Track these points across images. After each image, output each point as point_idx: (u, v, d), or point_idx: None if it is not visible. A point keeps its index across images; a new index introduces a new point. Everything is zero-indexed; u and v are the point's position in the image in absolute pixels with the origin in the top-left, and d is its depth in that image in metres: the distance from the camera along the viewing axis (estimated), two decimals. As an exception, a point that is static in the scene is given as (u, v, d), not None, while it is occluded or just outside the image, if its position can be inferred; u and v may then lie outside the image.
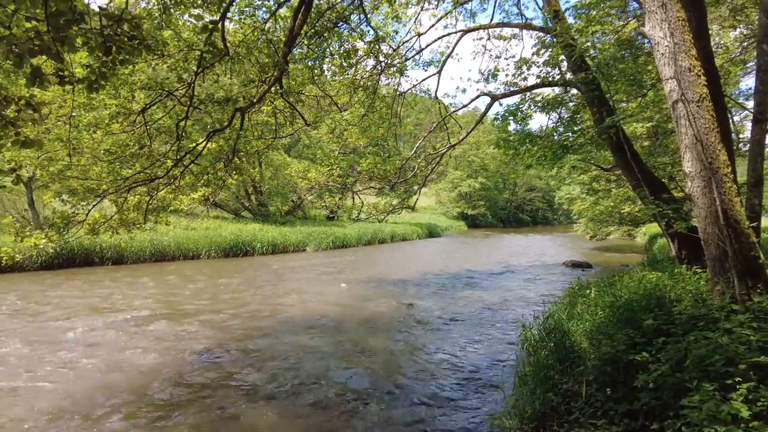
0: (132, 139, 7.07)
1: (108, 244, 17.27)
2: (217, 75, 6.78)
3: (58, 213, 5.87)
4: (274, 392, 6.43)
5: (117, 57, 2.81)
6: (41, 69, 2.64)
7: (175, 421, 5.52)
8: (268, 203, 32.38)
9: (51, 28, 2.48)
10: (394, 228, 33.82)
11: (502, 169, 29.58)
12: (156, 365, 7.33)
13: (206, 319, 10.08)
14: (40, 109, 2.88)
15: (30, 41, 2.60)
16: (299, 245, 25.10)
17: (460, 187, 57.68)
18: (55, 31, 2.53)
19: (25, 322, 9.21)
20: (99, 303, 11.16)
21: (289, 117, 8.96)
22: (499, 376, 7.24)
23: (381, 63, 10.74)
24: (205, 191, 7.85)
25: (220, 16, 6.09)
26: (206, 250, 20.56)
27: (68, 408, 5.75)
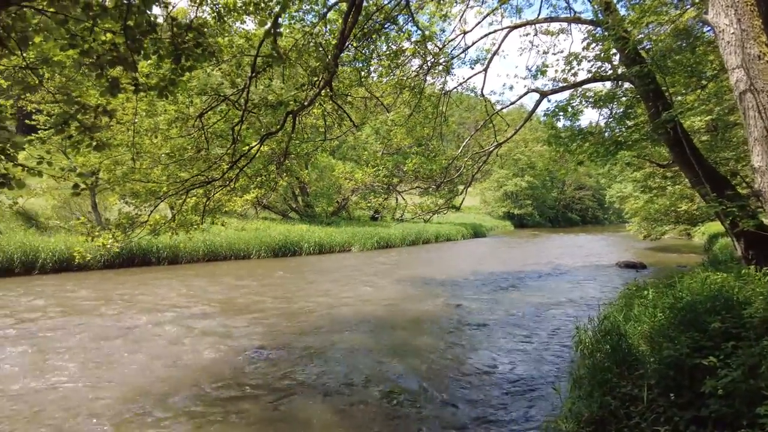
0: (189, 143, 7.39)
1: (164, 245, 18.06)
2: (270, 79, 6.99)
3: (124, 214, 6.22)
4: (327, 390, 6.55)
5: (185, 64, 2.97)
6: (118, 78, 2.82)
7: (232, 416, 5.72)
8: (314, 204, 32.95)
9: (127, 39, 2.64)
10: (439, 228, 33.64)
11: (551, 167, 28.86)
12: (213, 361, 7.61)
13: (259, 316, 10.37)
14: (115, 116, 3.10)
15: (108, 53, 2.78)
16: (345, 245, 25.40)
17: (505, 186, 56.67)
18: (131, 42, 2.69)
19: (93, 318, 9.78)
20: (157, 300, 11.70)
21: (336, 119, 9.10)
22: (552, 379, 7.08)
23: (427, 62, 10.73)
24: (258, 193, 8.08)
25: (272, 23, 6.26)
26: (256, 250, 21.15)
27: (133, 399, 6.07)
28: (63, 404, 5.85)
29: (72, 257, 16.01)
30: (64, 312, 10.22)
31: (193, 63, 2.93)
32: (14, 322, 9.32)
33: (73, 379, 6.62)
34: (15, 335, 8.48)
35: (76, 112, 2.98)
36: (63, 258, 15.94)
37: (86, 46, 2.91)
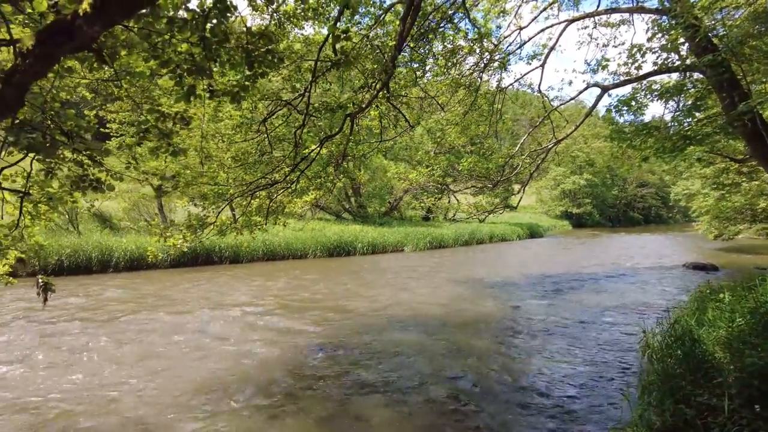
0: (252, 146, 7.67)
1: (226, 245, 18.80)
2: (329, 83, 7.14)
3: (194, 215, 6.56)
4: (387, 388, 6.60)
5: (258, 70, 3.10)
6: (195, 86, 2.98)
7: (295, 411, 5.88)
8: (366, 205, 33.27)
9: (204, 49, 2.78)
10: (493, 228, 33.06)
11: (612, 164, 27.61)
12: (276, 357, 7.86)
13: (318, 314, 10.60)
14: (191, 123, 3.28)
15: (185, 62, 2.94)
16: (397, 245, 25.47)
17: (563, 185, 54.80)
18: (208, 51, 2.83)
19: (164, 314, 10.34)
20: (221, 298, 12.21)
21: (392, 120, 9.15)
22: (617, 384, 6.80)
23: (483, 60, 10.58)
24: (316, 194, 8.27)
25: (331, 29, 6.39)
26: (312, 250, 21.62)
27: (204, 391, 6.36)
28: (138, 395, 6.23)
29: (142, 256, 17.08)
30: (137, 308, 10.87)
31: (265, 69, 3.06)
32: (93, 316, 10.01)
33: (147, 372, 7.02)
34: (94, 329, 9.09)
35: (156, 120, 3.18)
36: (134, 257, 16.94)
37: (165, 56, 3.09)
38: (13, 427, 5.28)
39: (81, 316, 9.95)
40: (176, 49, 3.12)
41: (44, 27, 1.93)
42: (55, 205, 4.19)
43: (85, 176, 3.35)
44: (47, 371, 6.92)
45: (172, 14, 2.77)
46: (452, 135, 13.49)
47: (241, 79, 3.24)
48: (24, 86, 2.01)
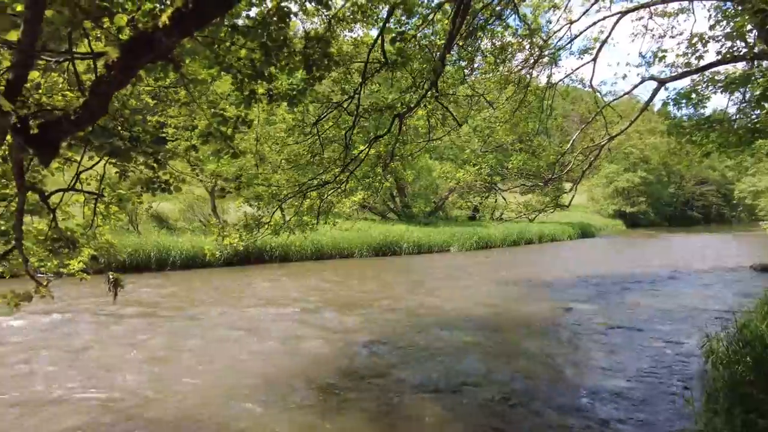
0: (303, 148, 7.85)
1: (276, 244, 19.27)
2: (378, 84, 7.21)
3: (251, 215, 6.80)
4: (437, 388, 6.60)
5: (315, 74, 3.19)
6: (255, 90, 3.10)
7: (347, 407, 5.97)
8: (411, 205, 33.25)
9: (265, 54, 2.89)
10: (542, 228, 32.24)
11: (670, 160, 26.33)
12: (326, 353, 8.01)
13: (366, 313, 10.72)
14: (251, 126, 3.41)
15: (246, 68, 3.06)
16: (443, 245, 25.32)
17: (616, 183, 52.65)
18: (267, 56, 2.93)
19: (218, 310, 10.75)
20: (273, 295, 12.55)
21: (439, 119, 9.11)
22: (677, 390, 6.50)
23: (532, 55, 10.37)
24: (365, 194, 8.36)
25: (380, 30, 6.45)
26: (359, 249, 21.84)
27: (257, 386, 6.57)
28: (196, 388, 6.50)
29: (197, 255, 17.79)
30: (194, 304, 11.34)
31: (322, 73, 3.15)
32: (154, 311, 10.53)
33: (204, 366, 7.32)
34: (155, 323, 9.56)
35: (219, 124, 3.33)
36: (189, 255, 17.66)
37: (227, 63, 3.23)
38: (85, 412, 5.64)
39: (144, 311, 10.49)
40: (236, 56, 3.25)
41: (127, 40, 2.07)
42: (125, 206, 4.45)
43: (156, 178, 3.55)
44: (115, 362, 7.34)
45: (234, 22, 2.89)
46: (500, 132, 13.28)
47: (300, 83, 3.34)
48: (107, 96, 2.16)
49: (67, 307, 10.34)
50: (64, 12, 2.16)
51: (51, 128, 2.18)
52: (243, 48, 3.23)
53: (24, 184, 2.98)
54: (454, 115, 8.18)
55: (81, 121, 2.20)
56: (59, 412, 5.67)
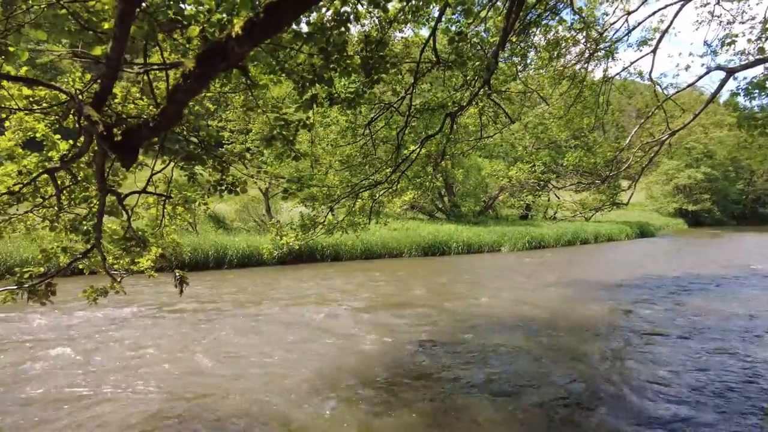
0: (355, 149, 7.97)
1: (327, 244, 19.62)
2: (430, 84, 7.22)
3: (307, 215, 6.99)
4: (492, 388, 6.53)
5: (374, 77, 3.25)
6: (317, 94, 3.19)
7: (400, 405, 6.01)
8: (460, 204, 32.93)
9: (325, 59, 2.97)
10: (598, 227, 31.10)
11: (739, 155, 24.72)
12: (379, 352, 8.09)
13: (417, 312, 10.73)
14: (312, 129, 3.52)
15: (307, 72, 3.16)
16: (494, 245, 24.91)
17: (676, 179, 49.91)
18: (327, 61, 3.02)
19: (274, 308, 11.08)
20: (325, 293, 12.79)
21: (491, 116, 9.00)
22: (751, 399, 6.12)
23: (588, 49, 10.05)
24: (415, 194, 8.37)
25: (432, 30, 6.45)
26: (407, 249, 21.86)
27: (312, 381, 6.72)
28: (253, 382, 6.73)
29: (252, 254, 18.42)
30: (250, 301, 11.74)
31: (380, 75, 3.20)
32: (215, 307, 10.98)
33: (261, 361, 7.57)
34: (216, 319, 9.97)
35: (281, 128, 3.46)
36: (245, 254, 18.28)
37: (288, 68, 3.33)
38: (150, 403, 5.98)
39: (204, 308, 10.97)
40: (296, 61, 3.36)
41: (202, 50, 2.20)
42: (190, 207, 4.69)
43: (223, 180, 3.73)
44: (178, 356, 7.72)
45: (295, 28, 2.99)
46: (554, 129, 12.94)
47: (359, 86, 3.41)
48: (183, 103, 2.30)
49: (134, 302, 10.95)
50: (144, 26, 2.31)
51: (132, 134, 2.35)
52: (302, 53, 3.34)
53: (105, 187, 3.21)
54: (506, 112, 8.05)
55: (159, 127, 2.36)
56: (124, 402, 6.03)
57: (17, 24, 2.34)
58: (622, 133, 24.62)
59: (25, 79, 2.58)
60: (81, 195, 4.27)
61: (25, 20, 2.44)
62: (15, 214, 4.67)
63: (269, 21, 1.95)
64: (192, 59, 2.13)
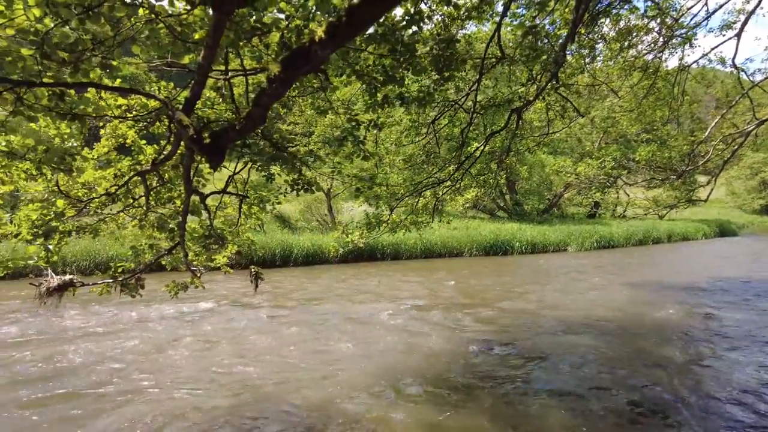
0: (417, 148, 8.00)
1: (387, 242, 19.79)
2: (495, 79, 7.12)
3: (373, 214, 7.12)
4: (562, 391, 6.35)
5: (445, 74, 3.27)
6: (388, 95, 3.26)
7: (466, 405, 5.98)
8: (523, 202, 32.11)
9: (395, 59, 3.02)
10: (672, 226, 29.32)
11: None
12: (441, 351, 8.07)
13: (480, 312, 10.60)
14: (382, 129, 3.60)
15: (378, 73, 3.22)
16: (559, 245, 24.11)
17: (762, 174, 46.10)
18: (397, 61, 3.07)
19: (338, 305, 11.33)
20: (387, 292, 12.92)
21: (558, 111, 8.73)
22: None
23: (662, 37, 9.51)
24: (477, 192, 8.28)
25: (497, 25, 6.36)
26: (468, 248, 21.62)
27: (378, 378, 6.81)
28: (320, 378, 6.92)
29: (316, 252, 18.94)
30: (316, 298, 12.07)
31: (452, 73, 3.22)
32: (281, 303, 11.39)
33: (327, 356, 7.76)
34: (284, 315, 10.34)
35: (353, 128, 3.56)
36: (310, 253, 18.81)
37: (359, 69, 3.42)
38: (221, 394, 6.30)
39: (273, 303, 11.40)
40: (367, 62, 3.43)
41: (286, 55, 2.31)
42: (265, 207, 4.91)
43: (300, 179, 3.89)
44: (249, 348, 8.08)
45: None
46: (624, 123, 12.35)
47: (431, 85, 3.45)
48: (268, 107, 2.44)
49: (207, 298, 11.56)
50: (230, 35, 2.46)
51: (220, 137, 2.51)
52: (372, 54, 3.41)
53: (191, 188, 3.44)
54: (575, 106, 7.78)
55: (244, 130, 2.50)
56: (197, 392, 6.39)
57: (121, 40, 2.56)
58: (699, 125, 23.04)
59: (124, 89, 2.82)
60: (166, 195, 4.59)
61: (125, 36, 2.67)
62: (108, 214, 5.09)
63: (351, 23, 2.03)
64: (277, 64, 2.25)
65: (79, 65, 2.72)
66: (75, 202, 4.23)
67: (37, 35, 2.34)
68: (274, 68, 2.22)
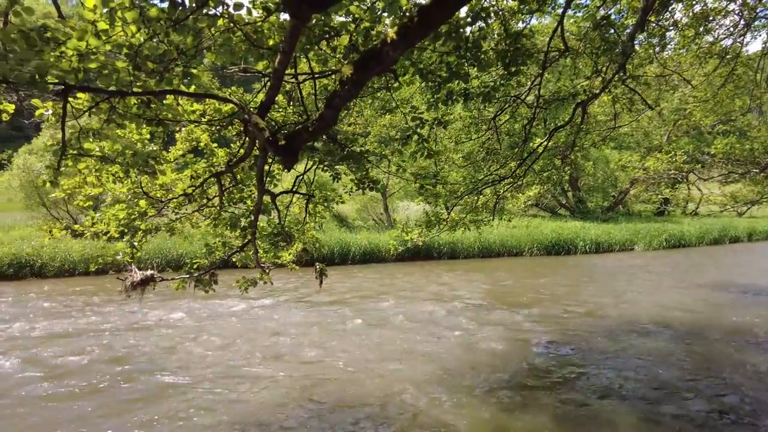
0: (476, 145, 7.92)
1: (443, 242, 19.67)
2: (559, 72, 6.93)
3: (433, 212, 7.13)
4: (631, 395, 6.10)
5: (510, 69, 3.24)
6: (452, 91, 3.27)
7: (530, 406, 5.87)
8: (586, 199, 30.89)
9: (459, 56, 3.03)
10: (753, 223, 27.20)
11: None
12: (504, 350, 7.95)
13: (541, 312, 10.34)
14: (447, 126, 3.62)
15: (443, 70, 3.24)
16: (626, 244, 22.98)
17: None
18: (462, 58, 3.07)
19: (397, 303, 11.42)
20: (444, 290, 12.86)
21: (626, 104, 8.36)
22: None
23: (743, 19, 8.85)
24: (540, 189, 8.07)
25: (560, 17, 6.18)
26: (528, 247, 21.08)
27: (439, 376, 6.82)
28: (382, 374, 7.01)
29: (373, 251, 19.17)
30: (374, 295, 12.22)
31: (518, 68, 3.18)
32: (341, 300, 11.62)
33: (388, 353, 7.84)
34: (342, 312, 10.54)
35: (417, 127, 3.60)
36: (367, 251, 19.05)
37: (422, 66, 3.45)
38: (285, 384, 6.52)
39: (333, 300, 11.66)
40: (430, 60, 3.46)
41: (358, 57, 2.39)
42: (329, 205, 5.06)
43: (365, 178, 3.98)
44: (312, 342, 8.31)
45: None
46: (697, 114, 11.63)
47: (497, 80, 3.43)
48: (339, 108, 2.52)
49: (272, 294, 11.99)
50: (302, 40, 2.57)
51: (294, 139, 2.62)
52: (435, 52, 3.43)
53: (263, 188, 3.60)
54: (643, 98, 7.42)
55: (317, 131, 2.60)
56: (266, 383, 6.64)
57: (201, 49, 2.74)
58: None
59: (203, 94, 3.00)
60: (237, 195, 4.82)
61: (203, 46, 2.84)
62: (184, 213, 5.41)
63: (422, 24, 2.06)
64: (349, 66, 2.33)
65: (164, 74, 2.93)
66: (155, 203, 4.54)
67: (131, 48, 2.55)
68: (346, 70, 2.30)
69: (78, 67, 2.58)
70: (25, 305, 11.01)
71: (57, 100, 3.25)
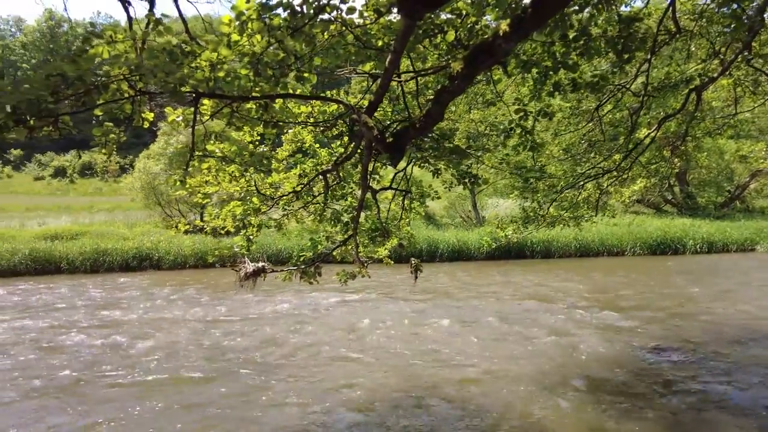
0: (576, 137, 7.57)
1: (537, 239, 18.97)
2: (670, 57, 6.44)
3: (530, 208, 6.95)
4: (749, 408, 5.58)
5: (623, 57, 3.10)
6: (559, 82, 3.19)
7: (638, 414, 5.54)
8: (696, 194, 28.23)
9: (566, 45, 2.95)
10: None
11: None
12: (605, 353, 7.55)
13: (646, 315, 9.67)
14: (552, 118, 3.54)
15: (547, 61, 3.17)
16: (745, 243, 20.72)
17: None
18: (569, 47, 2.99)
19: (490, 301, 11.26)
20: (538, 289, 12.44)
21: (748, 87, 7.55)
22: None
23: None
24: (647, 182, 7.55)
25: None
26: (631, 246, 19.72)
27: (539, 377, 6.63)
28: (476, 370, 6.95)
29: (461, 248, 19.00)
30: (464, 292, 12.15)
31: (631, 54, 3.03)
32: (431, 297, 11.68)
33: (483, 351, 7.76)
34: (433, 308, 10.59)
35: (520, 119, 3.55)
36: (455, 249, 18.93)
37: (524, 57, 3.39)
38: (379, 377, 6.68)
39: (424, 297, 11.75)
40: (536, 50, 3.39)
41: (469, 52, 2.43)
42: (424, 201, 5.13)
43: (467, 173, 4.00)
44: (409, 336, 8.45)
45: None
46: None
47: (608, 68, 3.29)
48: (447, 104, 2.58)
49: (363, 289, 12.34)
50: (410, 39, 2.65)
51: (402, 136, 2.72)
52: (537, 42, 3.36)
53: (367, 185, 3.76)
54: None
55: (424, 127, 2.68)
56: (359, 373, 6.86)
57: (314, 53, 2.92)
58: None
59: (317, 97, 3.20)
60: (340, 192, 5.06)
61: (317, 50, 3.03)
62: (291, 209, 5.77)
63: (536, 14, 2.05)
64: (460, 61, 2.37)
65: (279, 79, 3.16)
66: (267, 200, 4.89)
67: (253, 56, 2.79)
68: (456, 66, 2.34)
69: (209, 77, 2.87)
70: (151, 294, 12.33)
71: (188, 107, 3.64)
